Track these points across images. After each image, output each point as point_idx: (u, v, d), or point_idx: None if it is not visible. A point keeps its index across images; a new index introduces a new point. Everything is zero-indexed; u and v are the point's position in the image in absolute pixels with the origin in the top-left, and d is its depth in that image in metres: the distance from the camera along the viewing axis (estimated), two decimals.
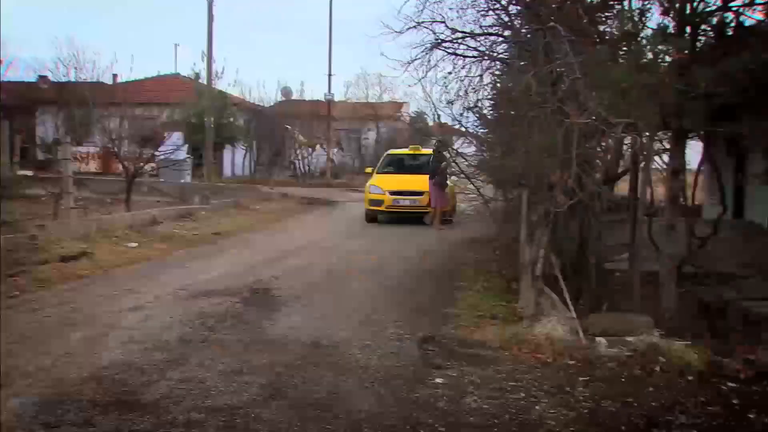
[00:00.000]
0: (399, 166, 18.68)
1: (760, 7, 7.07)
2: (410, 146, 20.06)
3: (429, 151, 18.89)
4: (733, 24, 7.44)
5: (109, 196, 18.73)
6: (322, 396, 5.30)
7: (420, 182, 16.66)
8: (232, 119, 32.27)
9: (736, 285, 10.34)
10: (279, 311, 7.84)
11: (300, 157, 34.61)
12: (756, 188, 9.00)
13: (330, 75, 33.53)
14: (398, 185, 16.93)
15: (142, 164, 16.79)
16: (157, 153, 19.07)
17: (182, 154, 23.54)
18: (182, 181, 24.33)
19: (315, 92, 72.88)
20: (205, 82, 28.85)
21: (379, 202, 16.79)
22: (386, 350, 6.48)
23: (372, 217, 17.00)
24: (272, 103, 37.17)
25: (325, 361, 6.11)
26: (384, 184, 17.07)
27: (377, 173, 18.31)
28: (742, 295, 9.21)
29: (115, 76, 32.13)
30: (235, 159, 34.16)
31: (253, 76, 70.87)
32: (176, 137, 23.53)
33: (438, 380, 5.73)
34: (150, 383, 5.46)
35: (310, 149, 34.65)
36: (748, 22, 7.33)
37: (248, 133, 34.16)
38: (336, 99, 35.46)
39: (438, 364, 6.17)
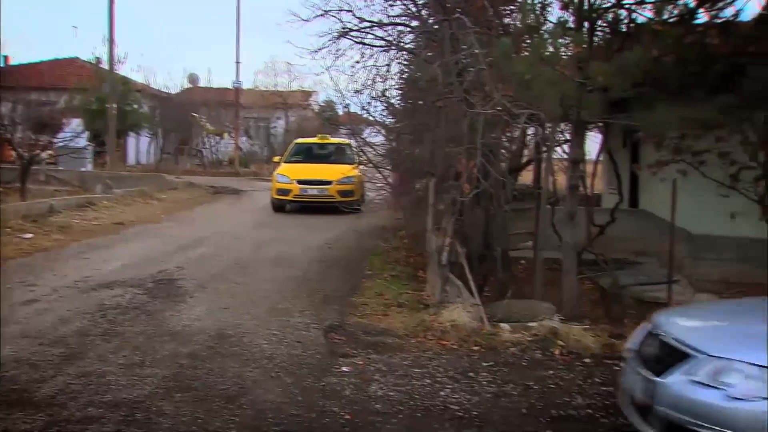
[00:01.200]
0: (307, 155, 18.52)
1: (650, 6, 7.37)
2: (318, 135, 19.90)
3: (338, 140, 18.79)
4: (626, 21, 7.73)
5: (1, 185, 17.81)
6: (227, 387, 5.23)
7: (328, 171, 16.56)
8: (135, 106, 31.22)
9: (631, 271, 10.82)
10: (184, 302, 7.67)
11: (207, 146, 33.88)
12: (648, 178, 9.41)
13: (238, 62, 32.93)
14: (306, 174, 16.78)
15: (38, 151, 16.04)
16: (54, 140, 18.25)
17: (82, 141, 22.62)
18: (83, 169, 23.39)
19: (223, 80, 71.37)
20: (106, 67, 27.79)
21: (287, 192, 16.60)
22: (293, 339, 6.46)
23: (279, 206, 16.80)
24: (178, 90, 36.20)
25: (231, 352, 6.03)
26: (292, 173, 16.89)
27: (285, 162, 18.10)
28: (637, 281, 9.63)
29: (6, 58, 30.53)
30: (140, 147, 33.12)
31: (158, 62, 68.62)
32: (75, 124, 22.57)
33: (344, 368, 5.75)
34: (44, 380, 5.24)
35: (217, 137, 33.96)
36: (640, 20, 7.63)
37: (153, 120, 33.17)
38: (244, 87, 34.87)
39: (345, 352, 6.18)
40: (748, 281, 7.77)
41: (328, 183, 16.36)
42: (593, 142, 12.82)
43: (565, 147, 9.47)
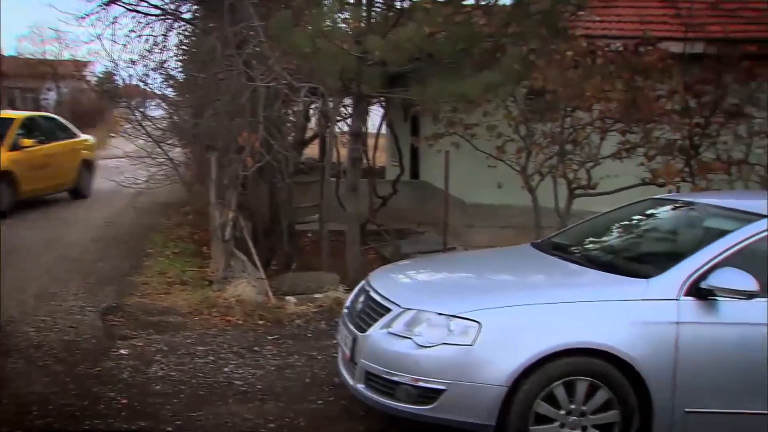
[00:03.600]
0: None
1: None
2: None
3: (11, 114, 13.57)
4: None
5: None
6: None
7: None
8: None
9: (412, 240, 11.36)
10: None
11: None
12: (427, 150, 9.89)
13: None
14: None
15: None
16: None
17: None
18: None
19: None
20: None
21: None
22: (65, 325, 6.04)
23: None
24: None
25: None
26: None
27: None
28: (417, 249, 10.13)
29: None
30: None
31: None
32: None
33: (123, 351, 5.50)
34: None
35: None
36: None
37: None
38: (6, 54, 31.71)
39: (123, 334, 5.92)
40: (512, 245, 8.47)
41: None
42: (378, 116, 13.25)
43: (350, 121, 9.66)
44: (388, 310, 4.05)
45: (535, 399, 3.66)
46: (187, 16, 9.98)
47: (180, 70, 11.96)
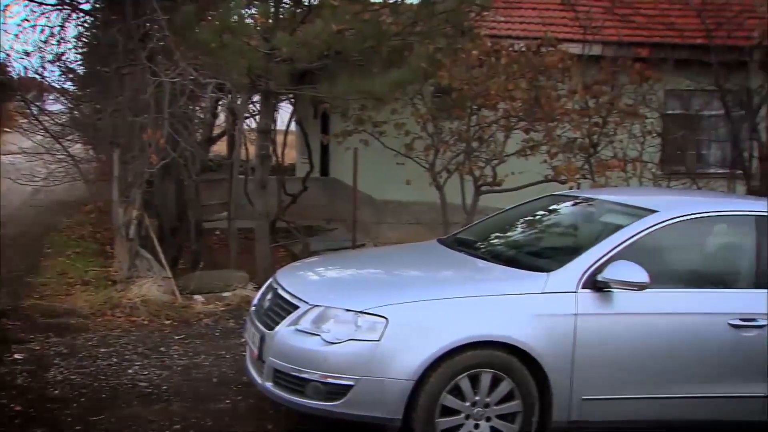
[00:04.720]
0: None
1: None
2: None
3: None
4: None
5: None
6: None
7: None
8: None
9: (322, 237, 11.36)
10: None
11: None
12: (337, 147, 9.89)
13: None
14: None
15: None
16: None
17: None
18: None
19: None
20: None
21: None
22: None
23: None
24: None
25: None
26: None
27: None
28: (327, 246, 10.13)
29: None
30: None
31: None
32: None
33: (17, 356, 5.28)
34: None
35: None
36: None
37: None
38: None
39: (18, 338, 5.69)
40: (421, 240, 8.60)
41: None
42: (287, 113, 13.14)
43: (258, 118, 9.54)
44: (296, 307, 4.02)
45: (442, 392, 3.73)
46: (87, 6, 9.60)
47: (80, 63, 11.54)
